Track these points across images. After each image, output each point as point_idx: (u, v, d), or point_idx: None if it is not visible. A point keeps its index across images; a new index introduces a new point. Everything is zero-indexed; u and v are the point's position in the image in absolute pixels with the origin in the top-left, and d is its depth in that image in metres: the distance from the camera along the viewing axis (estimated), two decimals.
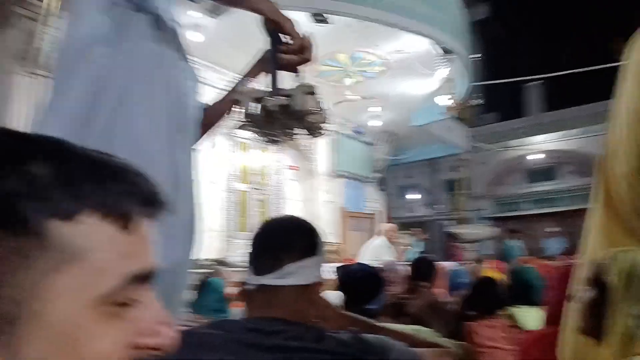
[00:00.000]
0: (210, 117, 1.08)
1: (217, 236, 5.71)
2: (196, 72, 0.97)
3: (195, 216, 0.89)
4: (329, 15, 4.35)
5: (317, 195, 7.25)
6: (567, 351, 0.82)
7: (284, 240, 0.76)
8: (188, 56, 0.98)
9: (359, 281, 1.55)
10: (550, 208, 11.54)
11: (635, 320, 0.81)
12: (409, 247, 7.22)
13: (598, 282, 0.87)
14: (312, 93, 1.03)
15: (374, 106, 6.77)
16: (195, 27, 4.36)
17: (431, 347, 0.84)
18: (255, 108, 1.00)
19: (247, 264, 0.77)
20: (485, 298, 1.87)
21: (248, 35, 4.60)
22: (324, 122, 1.09)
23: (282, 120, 1.04)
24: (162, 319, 0.34)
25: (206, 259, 4.96)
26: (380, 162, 8.81)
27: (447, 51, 5.53)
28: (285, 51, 1.03)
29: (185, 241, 0.84)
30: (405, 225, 11.90)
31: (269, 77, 1.07)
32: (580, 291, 0.94)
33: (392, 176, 11.74)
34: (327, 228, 7.29)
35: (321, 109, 1.05)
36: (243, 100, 1.00)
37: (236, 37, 4.67)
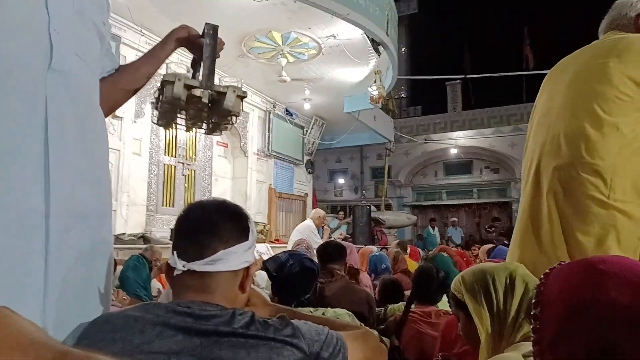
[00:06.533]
0: (127, 80, 1.03)
1: (140, 210, 5.54)
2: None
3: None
4: None
5: (246, 174, 7.28)
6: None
7: (214, 226, 0.73)
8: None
9: (295, 276, 1.56)
10: (464, 200, 12.66)
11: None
12: (336, 230, 7.59)
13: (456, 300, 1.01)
14: (243, 98, 1.09)
15: (306, 89, 6.91)
16: None
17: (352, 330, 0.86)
18: (181, 92, 1.01)
19: (172, 247, 0.74)
20: (425, 288, 1.90)
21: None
22: (232, 126, 1.18)
23: (203, 111, 1.09)
24: None
25: (129, 234, 4.81)
26: (310, 145, 9.03)
27: (376, 42, 5.82)
28: (219, 47, 1.06)
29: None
30: (332, 209, 12.36)
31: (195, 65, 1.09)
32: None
33: (321, 160, 12.06)
34: (256, 207, 7.38)
35: (239, 114, 1.13)
36: (173, 81, 1.00)
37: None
